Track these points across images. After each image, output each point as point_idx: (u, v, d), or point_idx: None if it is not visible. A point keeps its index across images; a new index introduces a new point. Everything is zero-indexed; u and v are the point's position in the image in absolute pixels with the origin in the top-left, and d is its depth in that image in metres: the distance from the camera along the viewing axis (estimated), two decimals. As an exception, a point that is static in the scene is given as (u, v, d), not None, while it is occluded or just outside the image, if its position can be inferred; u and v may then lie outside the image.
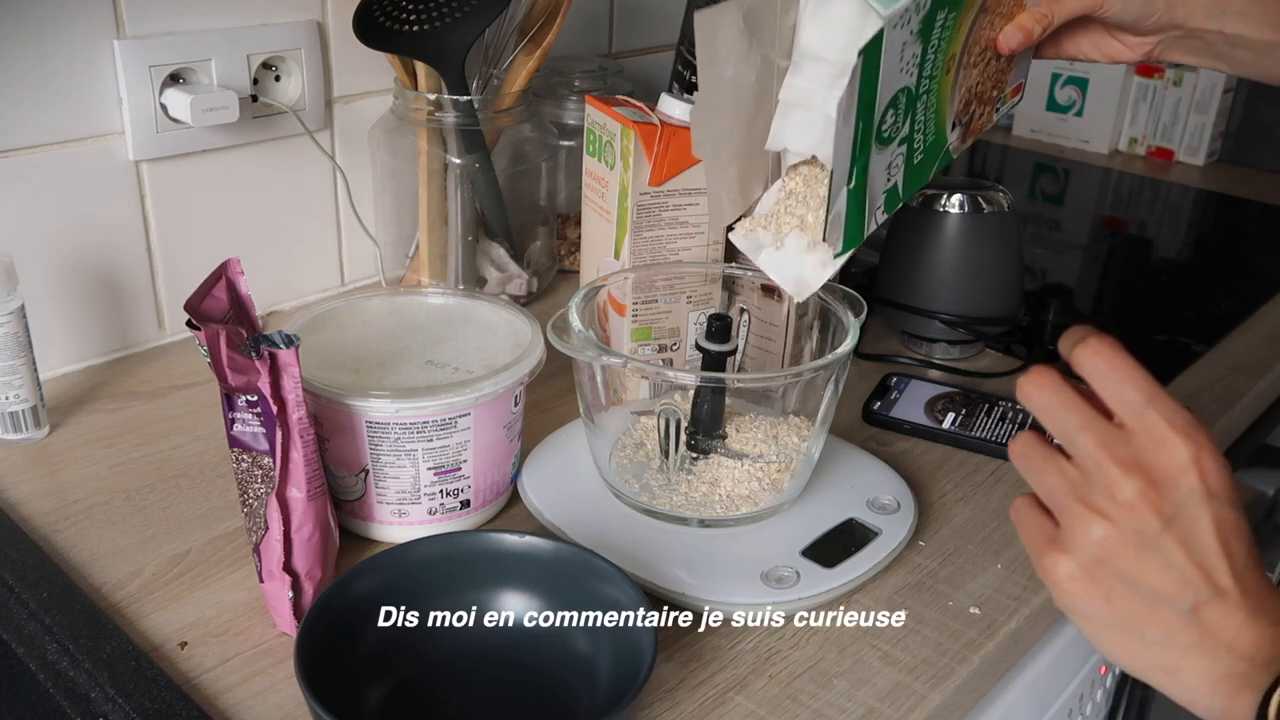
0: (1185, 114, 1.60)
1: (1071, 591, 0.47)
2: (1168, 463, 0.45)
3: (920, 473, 0.81)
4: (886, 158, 0.67)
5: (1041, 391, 0.47)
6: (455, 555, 0.62)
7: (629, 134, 0.77)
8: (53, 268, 0.87)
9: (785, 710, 0.59)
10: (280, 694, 0.59)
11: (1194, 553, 0.45)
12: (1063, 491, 0.47)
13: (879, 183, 0.68)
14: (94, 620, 0.62)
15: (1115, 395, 0.46)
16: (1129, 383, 0.46)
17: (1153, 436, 0.45)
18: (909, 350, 1.00)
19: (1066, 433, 0.47)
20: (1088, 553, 0.46)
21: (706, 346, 0.73)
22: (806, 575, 0.66)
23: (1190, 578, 0.45)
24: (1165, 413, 0.45)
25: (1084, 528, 0.46)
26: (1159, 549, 0.45)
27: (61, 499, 0.75)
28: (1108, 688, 0.94)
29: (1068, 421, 0.47)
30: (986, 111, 0.76)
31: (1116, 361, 0.46)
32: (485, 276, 1.02)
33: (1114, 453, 0.45)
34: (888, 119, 0.66)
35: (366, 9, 0.90)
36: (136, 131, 0.88)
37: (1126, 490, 0.45)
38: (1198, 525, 0.45)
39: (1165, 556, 0.45)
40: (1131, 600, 0.46)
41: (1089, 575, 0.46)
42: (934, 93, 0.70)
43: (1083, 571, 0.46)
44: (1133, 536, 0.45)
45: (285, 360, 0.59)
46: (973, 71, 0.73)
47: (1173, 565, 0.45)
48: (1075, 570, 0.47)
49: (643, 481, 0.72)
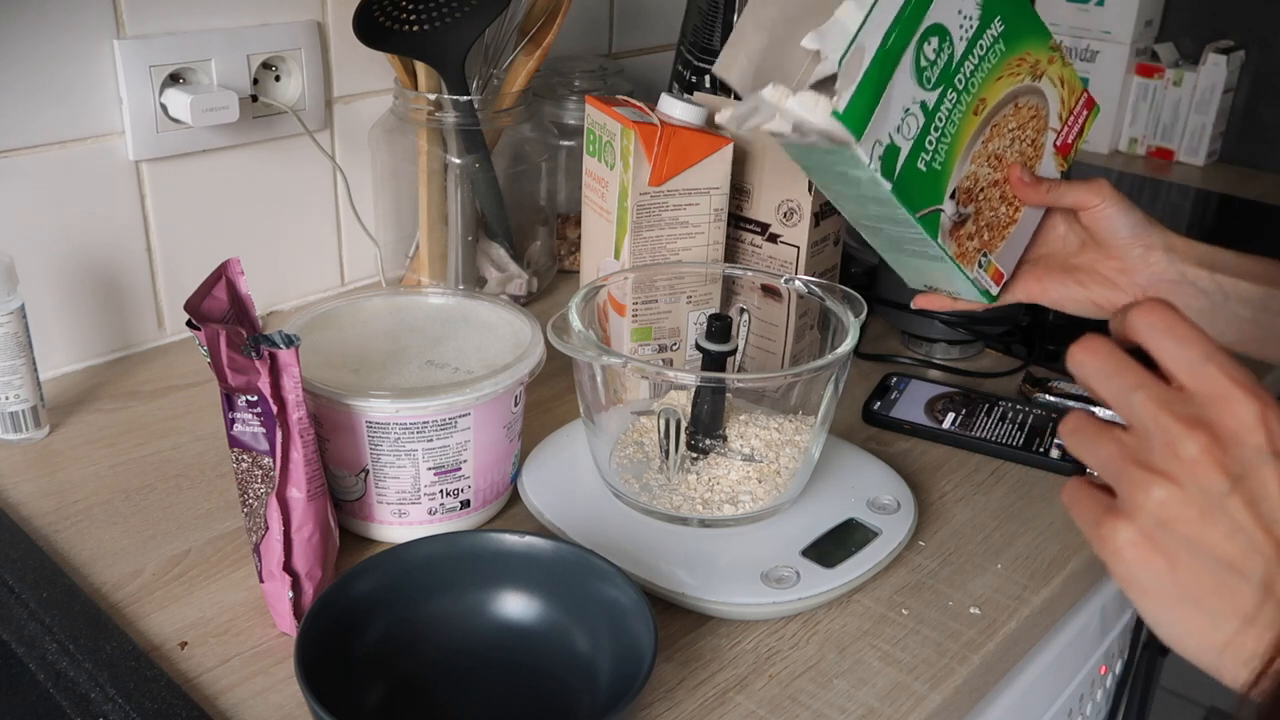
0: (1185, 114, 1.60)
1: (1131, 560, 0.43)
2: (1231, 419, 0.42)
3: (920, 473, 0.81)
4: (909, 95, 0.66)
5: (1094, 355, 0.44)
6: (455, 555, 0.62)
7: (629, 134, 0.77)
8: (53, 268, 0.87)
9: (785, 710, 0.59)
10: (280, 694, 0.59)
11: (1263, 516, 0.41)
12: (1119, 457, 0.44)
13: (896, 107, 0.65)
14: (94, 620, 0.62)
15: (1172, 353, 0.43)
16: (1187, 340, 0.43)
17: (1215, 393, 0.42)
18: (909, 350, 1.00)
19: (1121, 394, 0.44)
20: (1149, 516, 0.42)
21: (706, 346, 0.73)
22: (806, 575, 0.66)
23: (1260, 544, 0.41)
24: (1227, 369, 0.42)
25: (1144, 490, 0.43)
26: (1225, 510, 0.41)
27: (61, 499, 0.75)
28: (1108, 688, 0.94)
29: (1122, 382, 0.43)
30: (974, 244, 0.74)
31: (1172, 319, 0.43)
32: (485, 276, 1.02)
33: (1174, 410, 0.42)
34: (927, 49, 0.66)
35: (366, 9, 0.90)
36: (136, 131, 0.88)
37: (1190, 447, 0.42)
38: (1266, 487, 0.41)
39: (1232, 519, 0.42)
40: (1196, 568, 0.42)
41: (1150, 541, 0.43)
42: (959, 111, 0.69)
43: (1144, 537, 0.43)
44: (1197, 497, 0.42)
45: (285, 360, 0.59)
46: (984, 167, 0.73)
47: (1240, 529, 0.42)
48: (1136, 536, 0.43)
49: (643, 481, 0.72)
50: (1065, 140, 0.78)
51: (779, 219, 0.85)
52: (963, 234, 0.72)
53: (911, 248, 0.73)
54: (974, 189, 0.72)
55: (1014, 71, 0.73)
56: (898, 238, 0.72)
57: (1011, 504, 0.78)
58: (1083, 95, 0.79)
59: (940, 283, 0.77)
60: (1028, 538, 0.74)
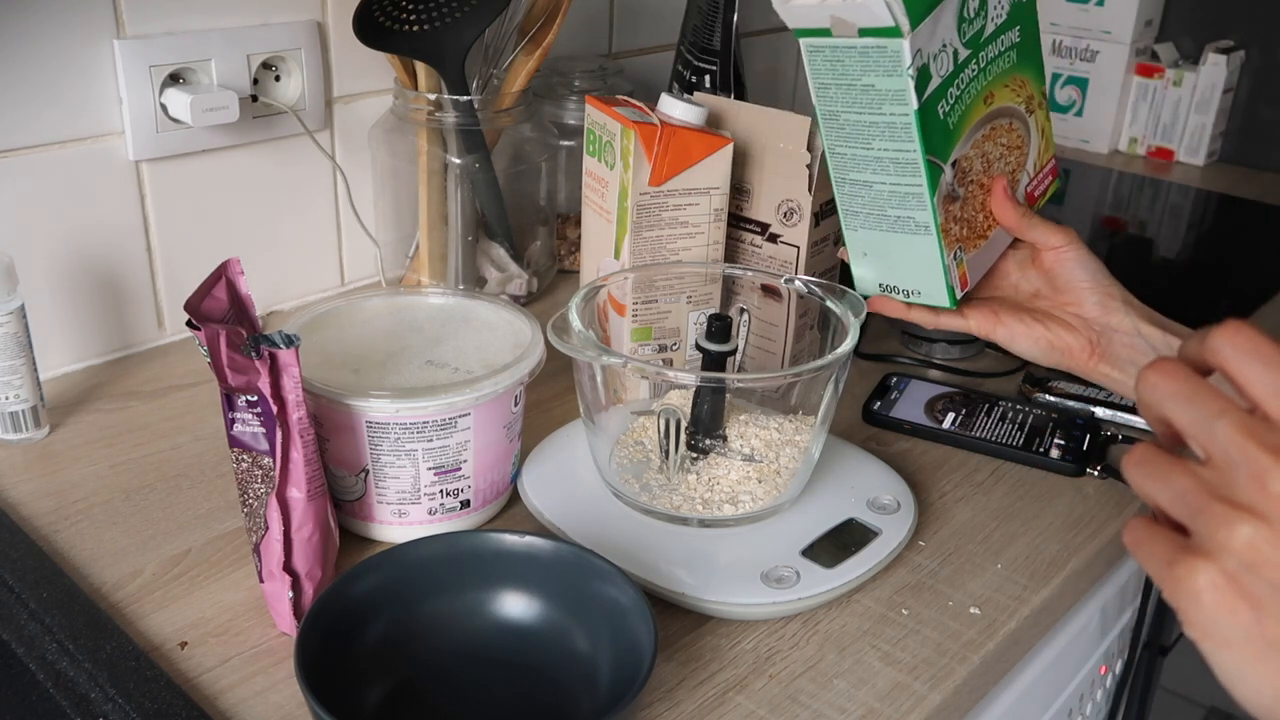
0: (1185, 114, 1.60)
1: (1212, 605, 0.38)
2: None
3: (920, 473, 0.81)
4: (950, 35, 0.66)
5: (1169, 378, 0.40)
6: (455, 555, 0.62)
7: (629, 134, 0.77)
8: (53, 268, 0.87)
9: (785, 710, 0.59)
10: (280, 694, 0.59)
11: None
12: (1197, 491, 0.39)
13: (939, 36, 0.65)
14: (94, 620, 0.62)
15: (1259, 379, 0.39)
16: (1272, 357, 0.39)
17: None
18: (909, 350, 1.00)
19: (1202, 422, 0.39)
20: (1234, 556, 0.38)
21: (706, 346, 0.73)
22: (806, 575, 0.66)
23: None
24: None
25: (1228, 527, 0.38)
26: None
27: (61, 499, 0.75)
28: (1108, 688, 0.94)
29: (1203, 409, 0.39)
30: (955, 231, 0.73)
31: (1260, 342, 0.39)
32: (485, 276, 1.02)
33: (1264, 440, 0.38)
34: (971, 3, 0.66)
35: (366, 9, 0.90)
36: (136, 131, 0.88)
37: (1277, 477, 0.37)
38: None
39: None
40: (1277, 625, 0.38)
41: (1235, 585, 0.38)
42: (975, 86, 0.70)
43: (1227, 581, 0.38)
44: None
45: (285, 360, 0.59)
46: (978, 160, 0.73)
47: None
48: (1218, 578, 0.38)
49: (643, 481, 0.72)
50: (1031, 191, 0.78)
51: (779, 219, 0.85)
52: (950, 213, 0.71)
53: (896, 212, 0.71)
54: (967, 174, 0.72)
55: (1014, 89, 0.73)
56: (887, 195, 0.70)
57: (1011, 504, 0.78)
58: (1052, 160, 0.79)
59: (904, 271, 0.74)
60: (1028, 538, 0.74)
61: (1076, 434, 0.84)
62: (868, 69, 0.65)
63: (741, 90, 1.07)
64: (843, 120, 0.69)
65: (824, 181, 0.83)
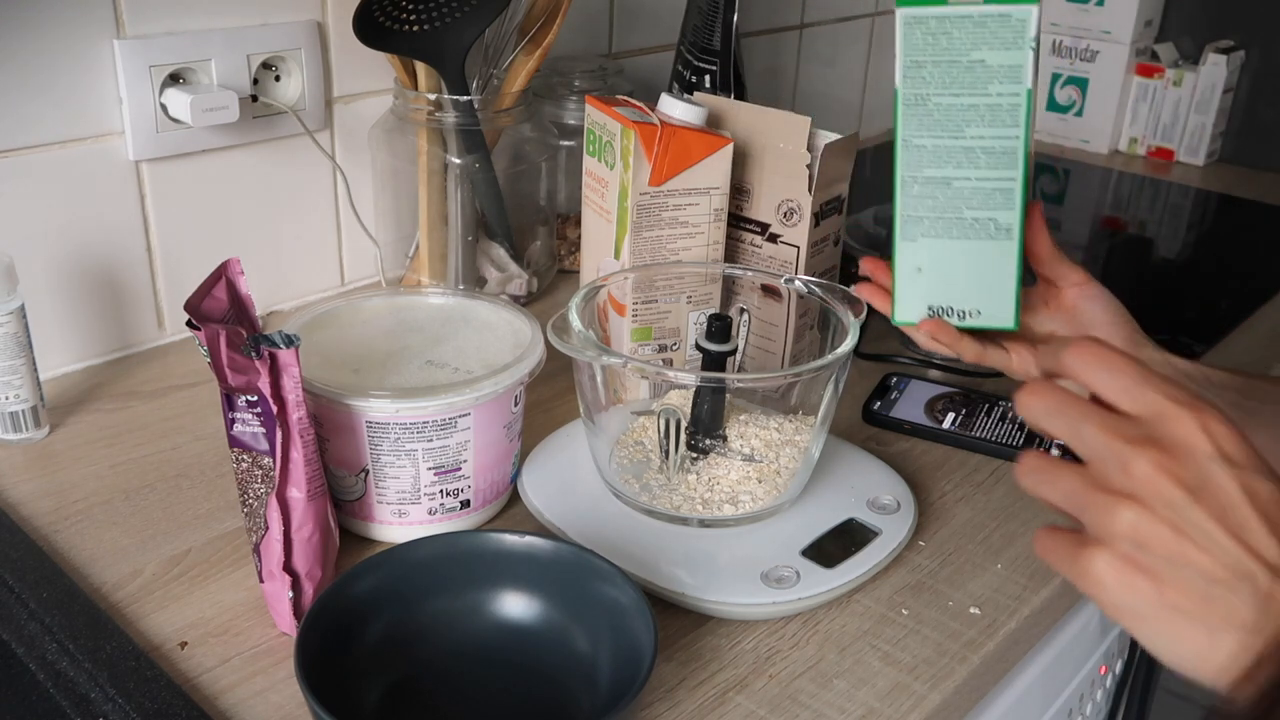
0: (1185, 114, 1.60)
1: (1115, 585, 0.43)
2: (1176, 431, 0.43)
3: (920, 473, 0.81)
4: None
5: (1039, 397, 0.47)
6: (455, 555, 0.62)
7: (629, 134, 0.77)
8: (53, 268, 0.87)
9: (785, 710, 0.59)
10: (280, 694, 0.59)
11: (1231, 525, 0.42)
12: (1080, 489, 0.45)
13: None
14: (94, 620, 0.62)
15: (1108, 384, 0.45)
16: (1121, 370, 0.45)
17: (1156, 412, 0.44)
18: (909, 350, 0.99)
19: (1071, 428, 0.45)
20: (1124, 539, 0.43)
21: (706, 346, 0.73)
22: (806, 575, 0.66)
23: (1233, 554, 0.42)
24: (1162, 389, 0.44)
25: (1111, 514, 0.43)
26: (1193, 523, 0.42)
27: (61, 499, 0.75)
28: (1108, 688, 0.94)
29: (1070, 416, 0.45)
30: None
31: (1103, 352, 0.46)
32: (485, 276, 1.02)
33: (1122, 432, 0.44)
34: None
35: (366, 9, 0.90)
36: (136, 131, 0.88)
37: (1141, 464, 0.43)
38: (1228, 495, 0.42)
39: (1203, 530, 0.42)
40: (1181, 584, 0.42)
41: (1130, 563, 0.43)
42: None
43: (1123, 561, 0.43)
44: (1164, 512, 0.42)
45: (285, 360, 0.59)
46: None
47: (1213, 540, 0.42)
48: (1114, 560, 0.43)
49: (643, 481, 0.72)
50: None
51: (779, 219, 0.85)
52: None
53: (976, 213, 0.66)
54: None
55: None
56: (970, 192, 0.66)
57: (1011, 504, 0.78)
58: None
59: (967, 287, 0.68)
60: (1028, 538, 0.74)
61: (1076, 434, 0.84)
62: (981, 41, 0.62)
63: (741, 90, 1.07)
64: (933, 105, 0.65)
65: (824, 181, 0.83)
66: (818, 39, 1.55)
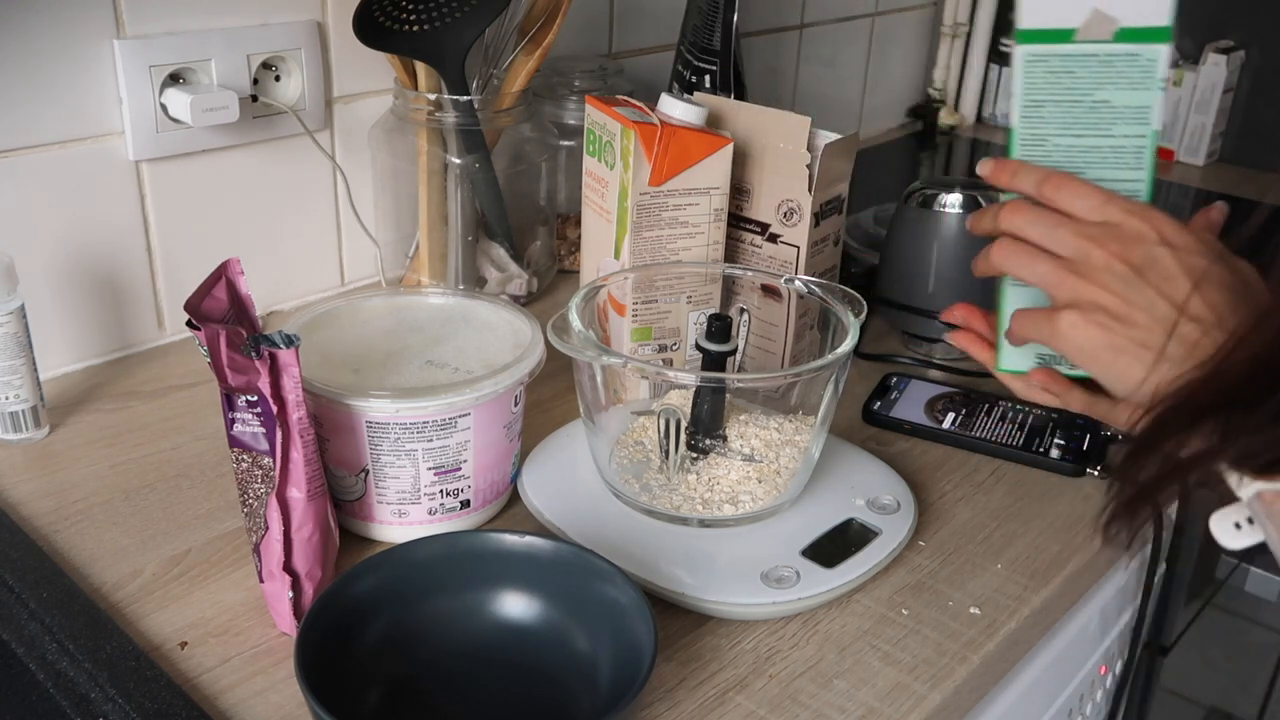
0: (1185, 114, 1.60)
1: (1076, 335, 0.56)
2: (1128, 227, 0.55)
3: (920, 473, 0.81)
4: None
5: (1018, 212, 0.58)
6: (455, 555, 0.62)
7: (629, 134, 0.77)
8: (53, 268, 0.87)
9: (785, 710, 0.59)
10: (280, 694, 0.59)
11: (1168, 292, 0.54)
12: (1053, 270, 0.57)
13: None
14: (94, 620, 0.62)
15: (1073, 203, 0.57)
16: (1085, 192, 0.57)
17: (1116, 219, 0.56)
18: (909, 350, 1.00)
19: (1049, 231, 0.57)
20: (1086, 304, 0.56)
21: (706, 346, 0.73)
22: (806, 575, 0.66)
23: (1168, 314, 0.53)
24: (1122, 204, 0.56)
25: (1077, 290, 0.56)
26: (1137, 290, 0.54)
27: (61, 499, 0.75)
28: (1108, 688, 0.94)
29: (1047, 223, 0.57)
30: None
31: (1065, 179, 0.57)
32: (485, 276, 1.02)
33: (1087, 233, 0.56)
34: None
35: (366, 9, 0.90)
36: (136, 131, 0.88)
37: (1099, 253, 0.55)
38: (1167, 268, 0.54)
39: (1145, 298, 0.54)
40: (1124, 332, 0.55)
41: (1088, 319, 0.56)
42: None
43: (1083, 318, 0.56)
44: (1116, 284, 0.55)
45: (285, 360, 0.59)
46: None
47: (1153, 304, 0.54)
48: (1076, 318, 0.56)
49: (643, 481, 0.72)
50: None
51: (779, 219, 0.85)
52: None
53: None
54: None
55: None
56: None
57: (1011, 504, 0.78)
58: None
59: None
60: (1028, 538, 0.74)
61: (1076, 434, 0.84)
62: (1107, 81, 0.59)
63: (741, 90, 1.07)
64: (1052, 145, 0.62)
65: (824, 181, 0.83)
66: (818, 39, 1.55)
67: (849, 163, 0.87)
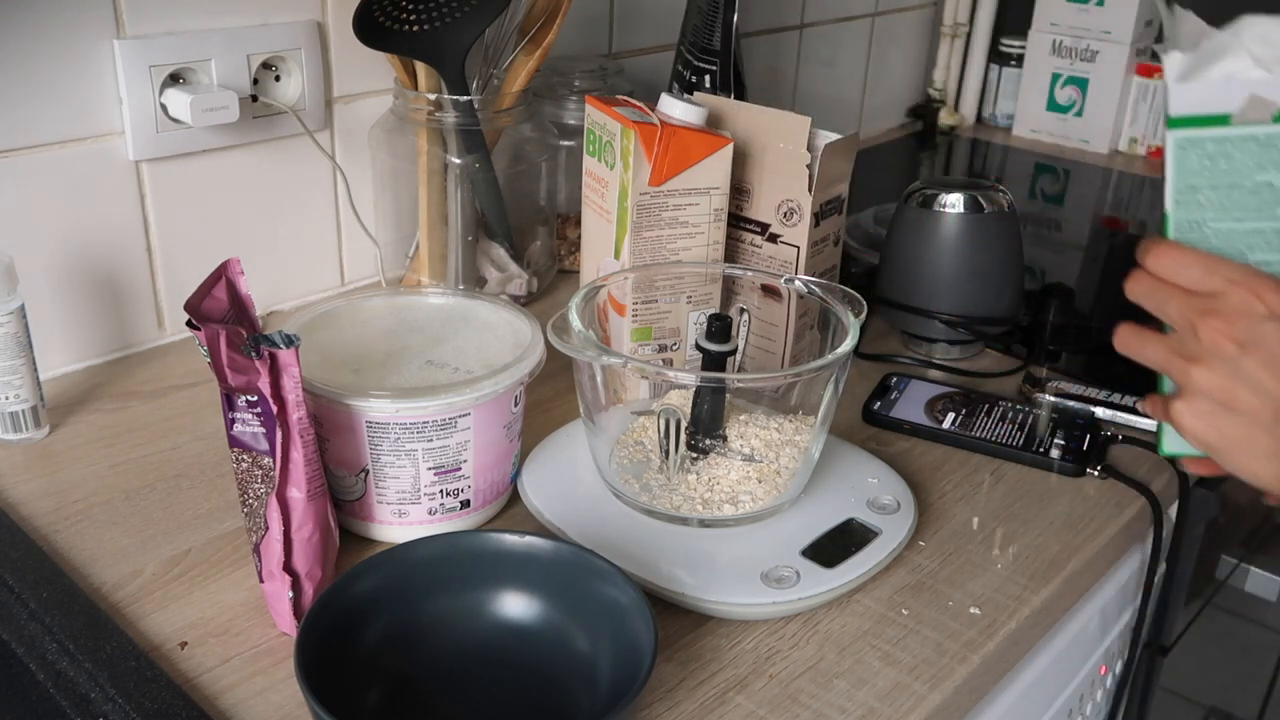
0: None
1: (1190, 427, 0.56)
2: (1233, 300, 0.53)
3: (920, 473, 0.81)
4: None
5: (1139, 284, 0.58)
6: (455, 555, 0.62)
7: (629, 134, 0.77)
8: (53, 268, 0.87)
9: (785, 710, 0.59)
10: (280, 694, 0.59)
11: (1276, 370, 0.52)
12: (1163, 354, 0.57)
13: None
14: (94, 620, 0.62)
15: (1183, 275, 0.56)
16: (1188, 261, 0.56)
17: (1219, 289, 0.54)
18: (909, 350, 1.00)
19: (1160, 305, 0.57)
20: (1193, 393, 0.55)
21: (706, 346, 0.73)
22: (806, 575, 0.66)
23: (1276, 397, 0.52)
24: (1225, 271, 0.54)
25: (1184, 375, 0.56)
26: (1244, 372, 0.53)
27: (61, 499, 0.75)
28: (1108, 688, 0.94)
29: (1159, 297, 0.57)
30: None
31: (1175, 251, 0.56)
32: (485, 276, 1.02)
33: (1194, 306, 0.55)
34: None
35: (366, 9, 0.90)
36: (136, 131, 0.88)
37: (1205, 331, 0.54)
38: (1275, 346, 0.52)
39: (1252, 378, 0.53)
40: (1235, 423, 0.54)
41: (1198, 410, 0.55)
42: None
43: (1193, 409, 0.55)
44: (1221, 368, 0.53)
45: (285, 360, 0.59)
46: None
47: (1260, 385, 0.52)
48: (1186, 409, 0.56)
49: (643, 481, 0.72)
50: None
51: (779, 219, 0.85)
52: None
53: None
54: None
55: None
56: None
57: (1011, 504, 0.78)
58: None
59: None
60: (1028, 538, 0.74)
61: (1076, 434, 0.84)
62: (1269, 162, 0.57)
63: (741, 90, 1.07)
64: (1209, 231, 0.59)
65: (824, 181, 0.83)
66: (818, 39, 1.55)
67: (849, 163, 0.87)
